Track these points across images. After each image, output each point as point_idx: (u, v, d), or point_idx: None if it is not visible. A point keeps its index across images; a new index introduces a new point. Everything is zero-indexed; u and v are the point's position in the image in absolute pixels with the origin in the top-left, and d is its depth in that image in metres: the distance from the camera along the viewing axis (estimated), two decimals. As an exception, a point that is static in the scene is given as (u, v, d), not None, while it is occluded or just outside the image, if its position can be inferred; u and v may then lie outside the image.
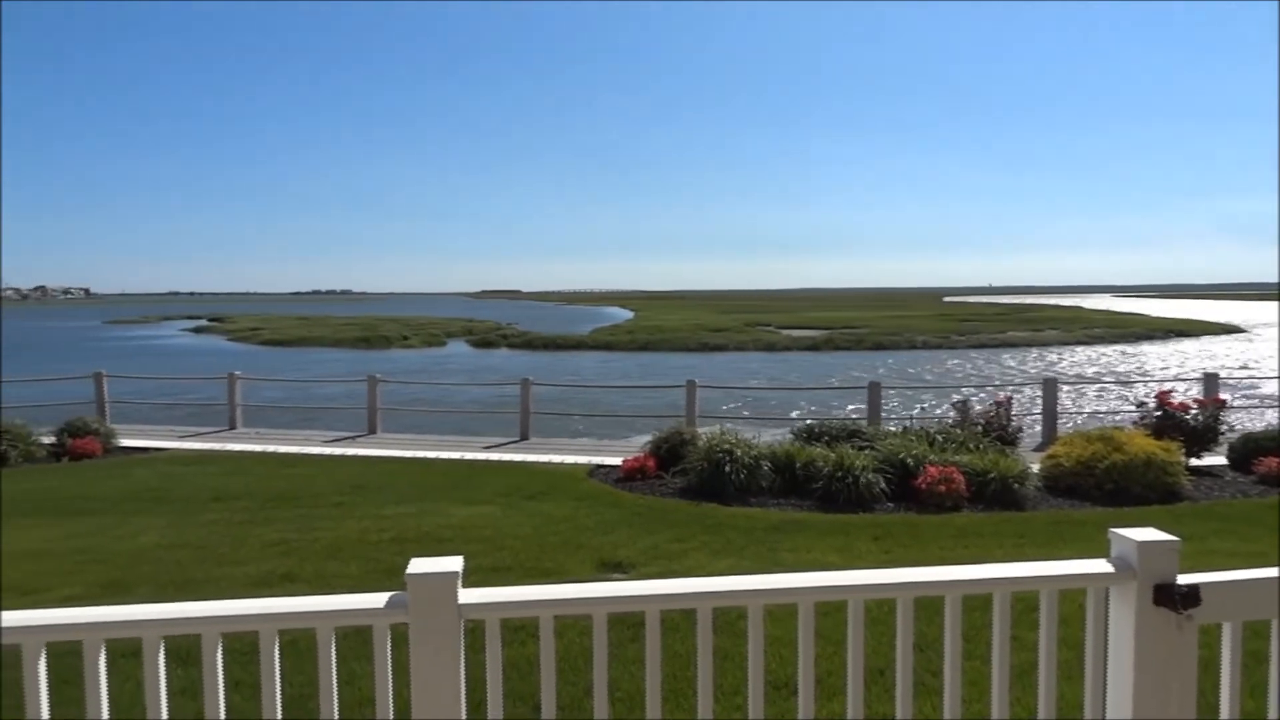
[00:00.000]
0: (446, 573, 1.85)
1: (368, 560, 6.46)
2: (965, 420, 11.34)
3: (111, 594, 5.68)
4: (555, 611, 1.96)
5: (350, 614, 1.89)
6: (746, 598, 2.03)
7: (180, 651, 3.53)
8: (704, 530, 7.41)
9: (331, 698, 1.90)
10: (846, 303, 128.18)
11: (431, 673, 1.86)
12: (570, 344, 50.36)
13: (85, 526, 7.69)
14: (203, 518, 7.97)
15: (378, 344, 52.52)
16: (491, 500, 8.66)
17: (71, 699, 2.02)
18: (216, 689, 1.87)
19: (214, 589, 5.75)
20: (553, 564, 6.33)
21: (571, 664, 4.09)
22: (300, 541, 7.00)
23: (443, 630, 1.85)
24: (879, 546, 6.96)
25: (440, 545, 6.89)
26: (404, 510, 8.20)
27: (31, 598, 5.60)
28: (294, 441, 13.36)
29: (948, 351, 42.93)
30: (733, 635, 4.32)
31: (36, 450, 11.89)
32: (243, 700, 3.41)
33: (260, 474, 10.53)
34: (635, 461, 9.99)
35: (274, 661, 1.88)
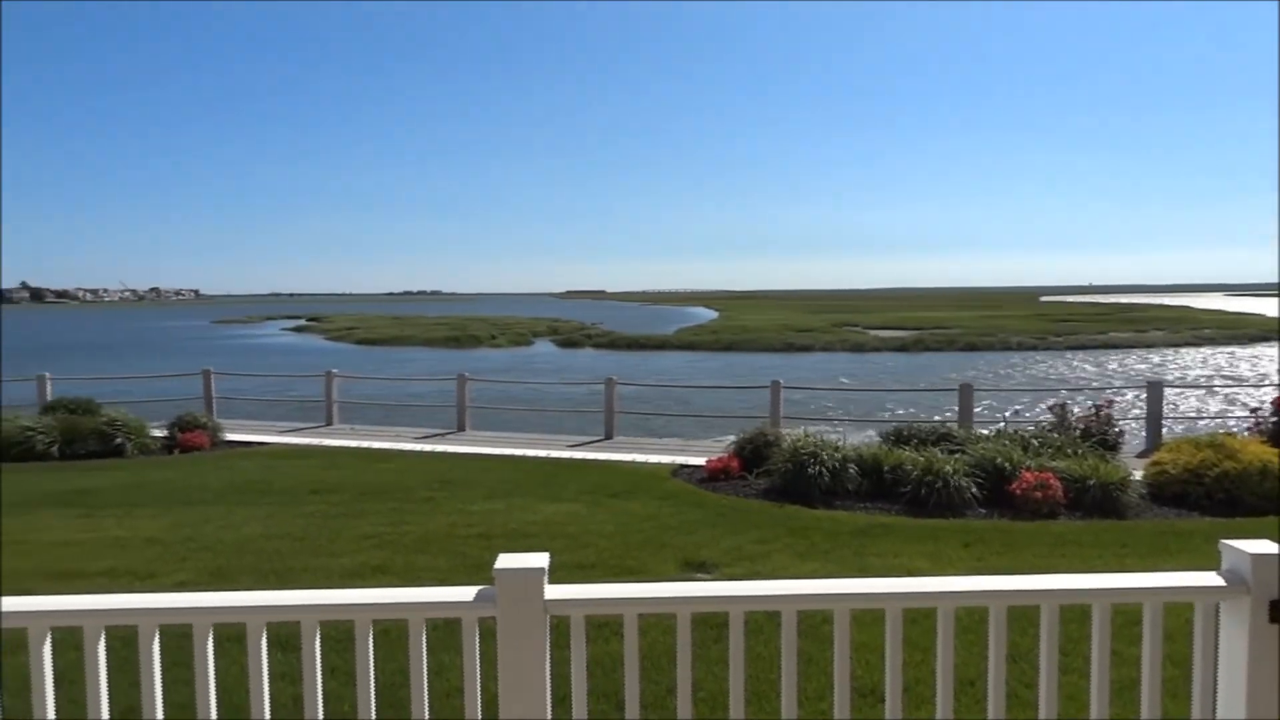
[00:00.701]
0: (533, 569, 1.88)
1: (455, 554, 6.61)
2: (1063, 424, 10.92)
3: (218, 581, 5.97)
4: (640, 610, 1.97)
5: (440, 606, 1.94)
6: (832, 602, 2.00)
7: (281, 637, 3.68)
8: (788, 532, 7.34)
9: (422, 687, 1.95)
10: (937, 302, 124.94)
11: (518, 666, 1.89)
12: (654, 344, 50.50)
13: (194, 516, 8.09)
14: (301, 510, 8.29)
15: (467, 343, 53.70)
16: (576, 498, 8.76)
17: (182, 679, 2.14)
18: (315, 674, 1.94)
19: (311, 579, 5.98)
20: (636, 563, 6.36)
21: (655, 662, 4.11)
22: (392, 535, 7.22)
23: (529, 625, 1.88)
24: (970, 553, 6.76)
25: (525, 541, 7.00)
26: (491, 506, 8.37)
27: (147, 582, 5.93)
28: (386, 438, 13.77)
29: (1044, 353, 41.40)
30: (817, 639, 4.26)
31: (151, 443, 12.57)
32: (339, 686, 3.54)
33: (355, 468, 10.89)
34: (719, 462, 9.96)
35: (368, 650, 1.94)
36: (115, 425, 12.35)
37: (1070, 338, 47.33)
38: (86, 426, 12.23)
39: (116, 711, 2.02)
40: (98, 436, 12.15)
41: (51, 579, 6.00)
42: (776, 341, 47.80)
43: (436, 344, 53.24)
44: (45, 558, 6.64)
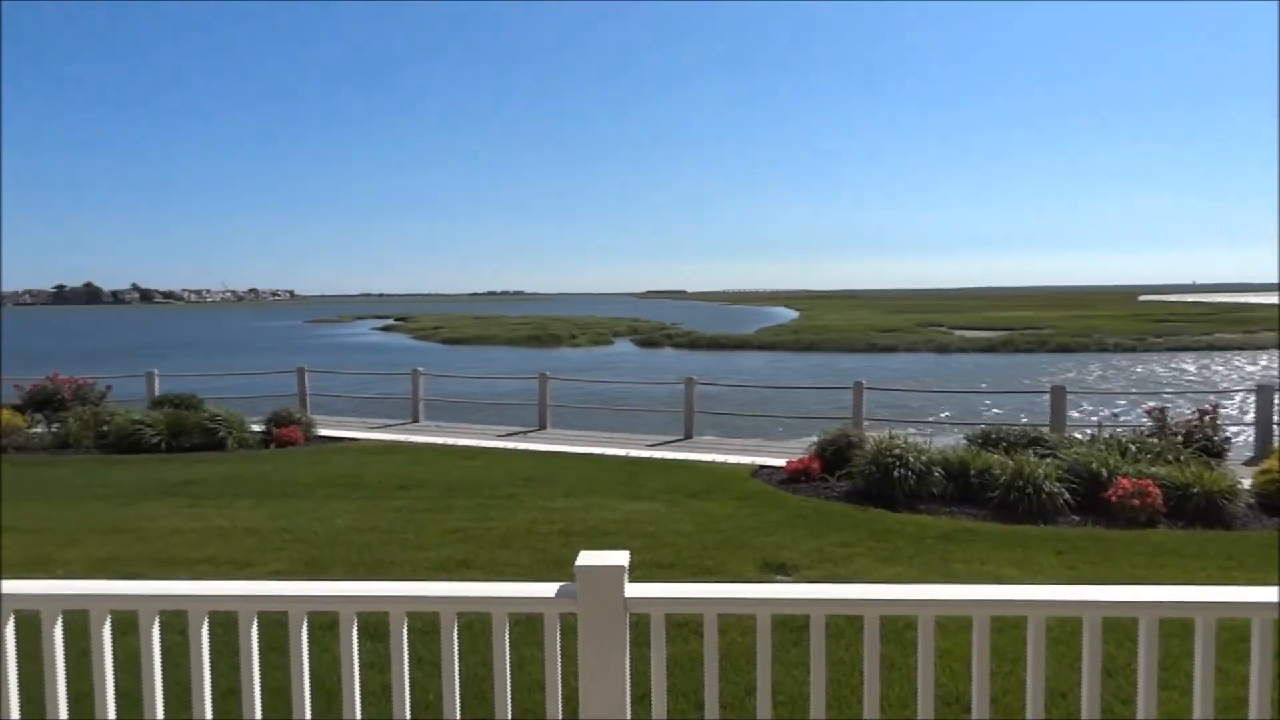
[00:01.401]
0: (614, 566, 1.90)
1: (537, 550, 6.70)
2: (1163, 429, 10.44)
3: (311, 571, 6.19)
4: (720, 610, 1.97)
5: (523, 601, 1.98)
6: (916, 607, 1.97)
7: (370, 626, 3.80)
8: (870, 536, 7.21)
9: (505, 680, 1.99)
10: (1028, 302, 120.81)
11: (598, 663, 1.92)
12: (734, 344, 50.22)
13: (289, 508, 8.41)
14: (389, 504, 8.53)
15: (548, 342, 54.38)
16: (655, 497, 8.78)
17: (277, 664, 2.23)
18: (402, 663, 2.00)
19: (399, 571, 6.15)
20: (714, 563, 6.35)
21: (733, 663, 4.09)
22: (475, 530, 7.36)
23: (609, 622, 1.90)
24: (1062, 562, 6.53)
25: (605, 539, 7.06)
26: (571, 504, 8.46)
27: (245, 571, 6.20)
28: (470, 435, 14.06)
29: (1142, 354, 39.64)
30: (900, 645, 4.18)
31: (249, 438, 13.11)
32: (424, 676, 3.63)
33: (440, 465, 11.14)
34: (800, 463, 9.85)
35: (453, 641, 1.99)
36: (217, 420, 12.93)
37: (1171, 339, 45.20)
38: (191, 421, 12.84)
39: (217, 693, 2.12)
40: (201, 431, 12.74)
41: (159, 565, 6.32)
42: (859, 342, 47.00)
43: (518, 343, 54.08)
44: (154, 545, 7.00)
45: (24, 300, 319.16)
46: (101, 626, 2.02)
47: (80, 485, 9.99)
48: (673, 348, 50.71)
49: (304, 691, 2.02)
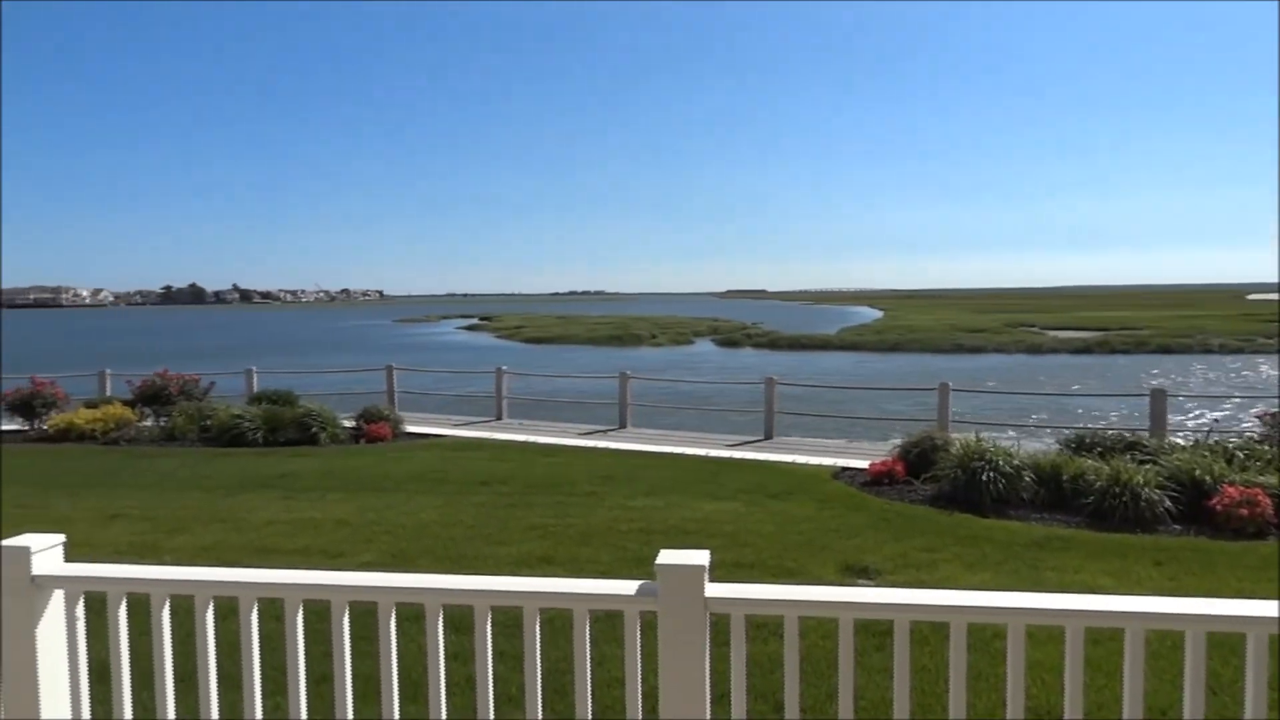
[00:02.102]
0: (694, 565, 1.90)
1: (616, 548, 6.75)
2: (1275, 435, 9.88)
3: (399, 563, 6.37)
4: (801, 613, 1.95)
5: (604, 598, 1.99)
6: (1006, 616, 1.91)
7: (454, 619, 3.89)
8: (956, 541, 7.03)
9: (585, 676, 2.01)
10: (1125, 301, 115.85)
11: (678, 661, 1.92)
12: (816, 344, 49.59)
13: (378, 502, 8.67)
14: (473, 500, 8.71)
15: (629, 342, 54.66)
16: (734, 497, 8.74)
17: (366, 652, 2.30)
18: (485, 656, 2.05)
19: (482, 565, 6.28)
20: (795, 564, 6.28)
21: (814, 666, 4.05)
22: (556, 527, 7.46)
23: (690, 621, 1.91)
24: (1162, 573, 6.24)
25: (684, 538, 7.06)
26: (651, 502, 8.49)
27: (337, 561, 6.41)
28: (552, 433, 14.23)
29: (1251, 356, 37.57)
30: (988, 654, 4.07)
31: (341, 433, 13.56)
32: (505, 670, 3.69)
33: (522, 462, 11.32)
34: (883, 465, 9.67)
35: (535, 636, 2.02)
36: (311, 416, 13.41)
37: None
38: (287, 417, 13.35)
39: (311, 679, 2.20)
40: (296, 426, 13.23)
41: (256, 553, 6.60)
42: (944, 342, 45.83)
43: (599, 342, 54.49)
44: (252, 534, 7.31)
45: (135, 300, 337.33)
46: (205, 611, 2.12)
47: (185, 476, 10.50)
48: (753, 347, 50.37)
49: (392, 680, 2.08)
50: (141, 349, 54.63)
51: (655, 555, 1.96)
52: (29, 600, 2.10)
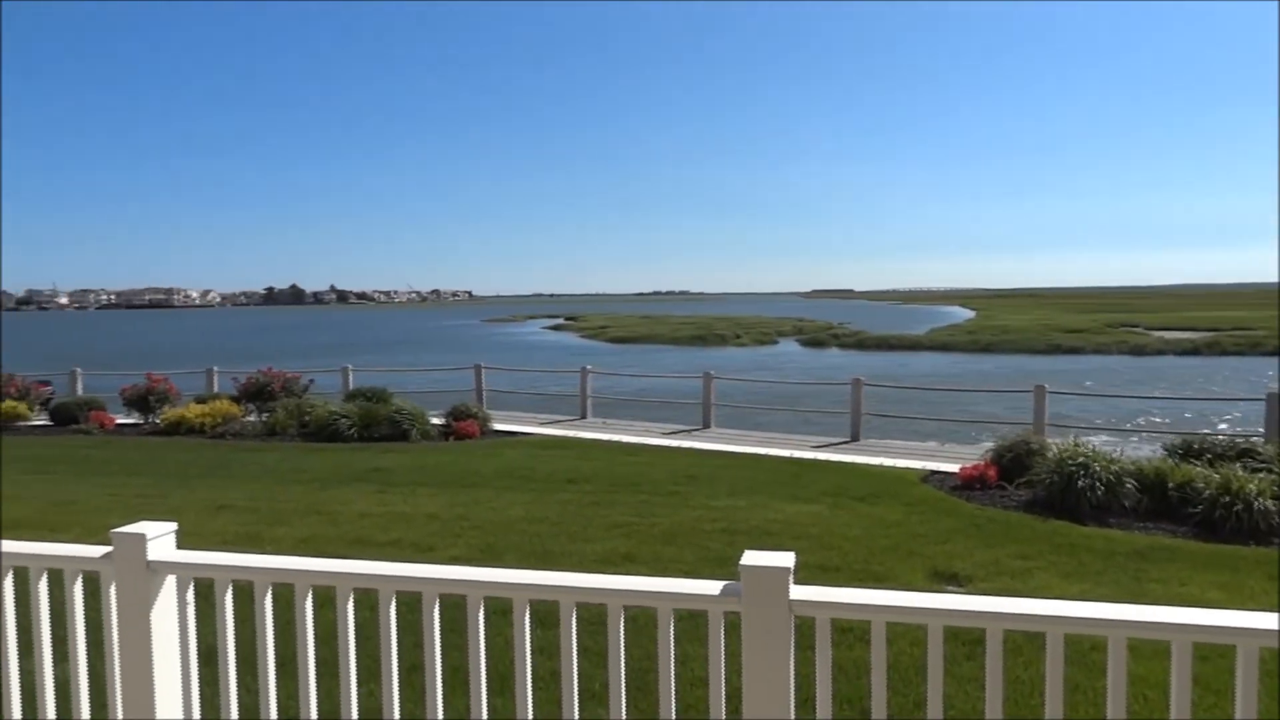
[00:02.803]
0: (779, 567, 1.89)
1: (700, 548, 6.74)
2: None
3: (486, 557, 6.50)
4: (889, 618, 1.92)
5: (687, 598, 2.00)
6: (1106, 628, 1.83)
7: (539, 614, 3.95)
8: (1053, 549, 6.78)
9: (669, 674, 2.02)
10: (1238, 300, 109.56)
11: (762, 663, 1.91)
12: (905, 344, 48.53)
13: (466, 497, 8.86)
14: (558, 497, 8.83)
15: (712, 342, 54.52)
16: (819, 499, 8.63)
17: (455, 644, 2.36)
18: (571, 651, 2.07)
19: (567, 562, 6.35)
20: (882, 569, 6.17)
21: (901, 674, 3.97)
22: (639, 525, 7.49)
23: (774, 623, 1.89)
24: (1279, 587, 5.90)
25: (768, 539, 7.00)
26: (734, 503, 8.45)
27: (427, 554, 6.59)
28: (635, 432, 14.31)
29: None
30: (1085, 667, 3.92)
31: (431, 430, 13.92)
32: (590, 666, 3.74)
33: (606, 460, 11.41)
34: (974, 469, 9.40)
35: (619, 633, 2.04)
36: (403, 413, 13.81)
37: None
38: (380, 413, 13.78)
39: (403, 668, 2.27)
40: (389, 422, 13.65)
41: (351, 545, 6.83)
42: (1040, 343, 44.27)
43: (683, 342, 54.50)
44: (348, 526, 7.57)
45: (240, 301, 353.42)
46: (304, 600, 2.21)
47: (285, 470, 10.94)
48: (839, 348, 49.63)
49: (480, 672, 2.13)
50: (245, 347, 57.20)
51: (738, 556, 1.95)
52: (144, 584, 2.23)
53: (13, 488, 9.74)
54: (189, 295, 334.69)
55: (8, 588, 2.35)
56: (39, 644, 2.35)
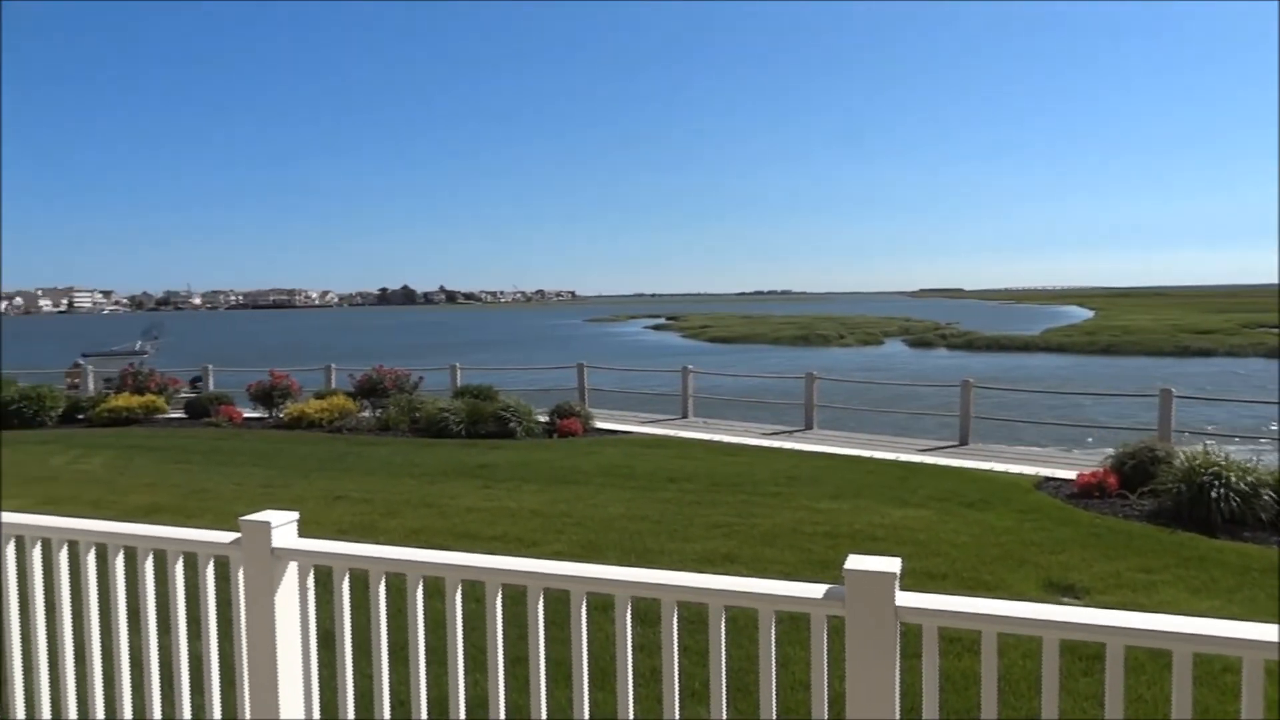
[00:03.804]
0: (885, 572, 1.85)
1: (801, 550, 6.66)
2: None
3: (588, 553, 6.59)
4: (1000, 629, 1.85)
5: (789, 600, 1.98)
6: (1240, 648, 1.72)
7: (640, 611, 3.98)
8: (1179, 562, 6.41)
9: (770, 676, 2.00)
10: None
11: (866, 670, 1.88)
12: (1017, 345, 46.71)
13: (569, 494, 9.01)
14: (658, 495, 8.87)
15: (815, 342, 53.75)
16: (925, 504, 8.40)
17: (558, 638, 2.40)
18: (672, 650, 2.08)
19: (667, 560, 6.38)
20: (992, 577, 5.95)
21: (1012, 686, 3.82)
22: (740, 526, 7.46)
23: (879, 629, 1.86)
24: None
25: (872, 544, 6.86)
26: (837, 506, 8.31)
27: (531, 549, 6.73)
28: (736, 432, 14.24)
29: None
30: (1217, 690, 3.69)
31: (535, 427, 14.20)
32: (690, 664, 3.75)
33: (706, 460, 11.40)
34: (1093, 476, 8.97)
35: (720, 633, 2.04)
36: (508, 410, 14.13)
37: None
38: (486, 411, 14.14)
39: (508, 659, 2.33)
40: (495, 419, 13.99)
41: (458, 538, 7.04)
42: (1167, 344, 41.87)
43: (784, 342, 53.92)
44: (455, 520, 7.80)
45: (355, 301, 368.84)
46: (415, 589, 2.29)
47: (397, 464, 11.35)
48: (947, 349, 48.16)
49: (582, 666, 2.16)
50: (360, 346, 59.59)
51: (841, 560, 1.93)
52: (268, 570, 2.36)
53: (155, 476, 10.44)
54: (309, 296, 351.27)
55: (149, 569, 2.53)
56: (175, 622, 2.51)
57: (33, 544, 2.63)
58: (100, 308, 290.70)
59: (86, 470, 10.98)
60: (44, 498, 8.78)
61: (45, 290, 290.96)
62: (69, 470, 10.99)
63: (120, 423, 16.01)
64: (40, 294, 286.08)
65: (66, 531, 2.58)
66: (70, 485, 9.83)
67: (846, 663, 1.89)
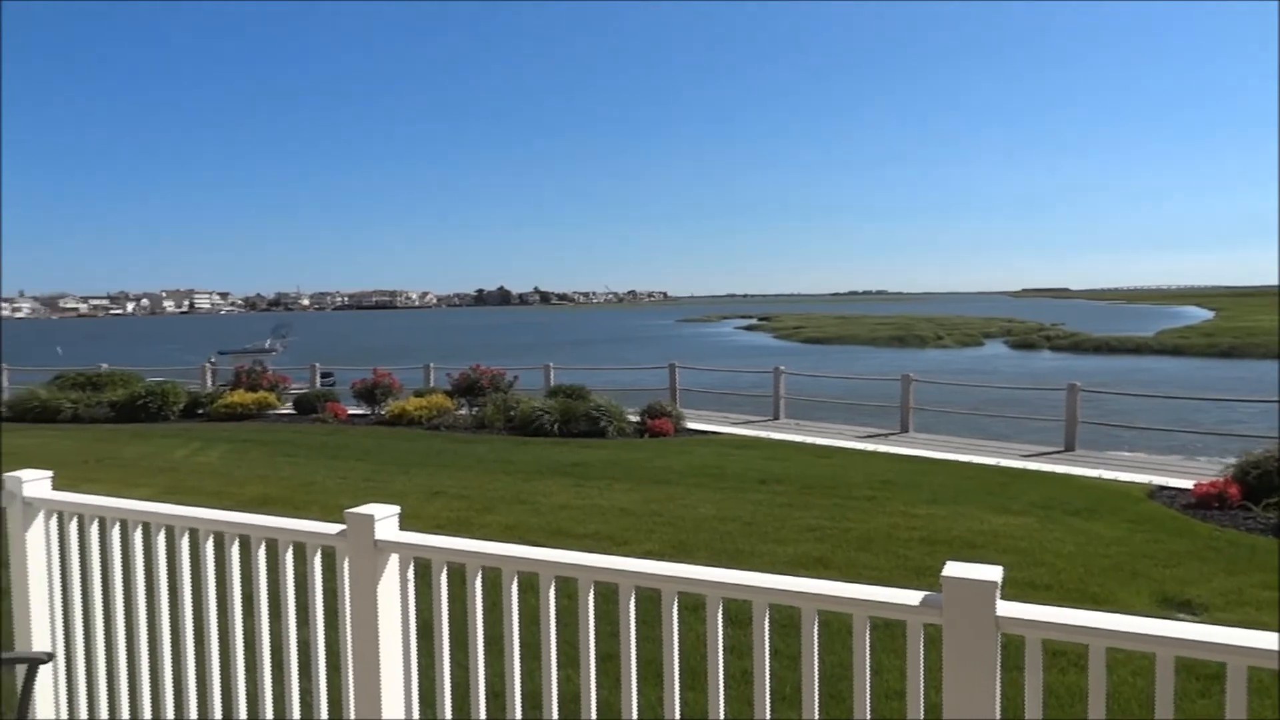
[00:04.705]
0: (985, 581, 1.80)
1: (896, 556, 6.52)
2: None
3: (678, 553, 6.60)
4: (1110, 644, 1.77)
5: (885, 606, 1.94)
6: None
7: (730, 612, 3.96)
8: (1310, 580, 6.00)
9: (864, 683, 1.97)
10: None
11: (964, 681, 1.83)
12: (1128, 347, 44.56)
13: (659, 494, 9.04)
14: (749, 497, 8.81)
15: (912, 343, 52.46)
16: (1027, 511, 8.10)
17: (649, 636, 2.42)
18: (763, 652, 2.07)
19: (757, 562, 6.33)
20: (1100, 590, 5.70)
21: (1121, 705, 3.65)
22: (832, 529, 7.34)
23: (978, 639, 1.81)
24: None
25: (971, 551, 6.66)
26: (934, 511, 8.09)
27: (622, 548, 6.78)
28: (828, 434, 14.02)
29: None
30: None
31: (626, 427, 14.30)
32: (780, 668, 3.71)
33: (798, 462, 11.26)
34: (1212, 486, 8.48)
35: (813, 637, 2.02)
36: (600, 410, 14.28)
37: None
38: (579, 410, 14.32)
39: (599, 656, 2.36)
40: (587, 419, 14.16)
41: (551, 535, 7.15)
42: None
43: (880, 343, 52.82)
44: (547, 517, 7.93)
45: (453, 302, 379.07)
46: (511, 584, 2.35)
47: (493, 461, 11.61)
48: (1052, 350, 46.34)
49: (673, 665, 2.17)
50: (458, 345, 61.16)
51: (938, 566, 1.88)
52: (372, 561, 2.45)
53: (267, 469, 10.96)
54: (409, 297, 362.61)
55: (262, 558, 2.66)
56: (285, 609, 2.64)
57: (157, 530, 2.80)
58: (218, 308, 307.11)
59: (205, 462, 11.60)
60: (167, 487, 9.32)
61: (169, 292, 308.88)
62: (189, 462, 11.64)
63: (235, 418, 16.86)
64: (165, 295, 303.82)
65: (188, 520, 2.74)
66: (191, 476, 10.41)
67: (944, 673, 1.85)
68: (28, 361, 27.96)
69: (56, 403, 17.26)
